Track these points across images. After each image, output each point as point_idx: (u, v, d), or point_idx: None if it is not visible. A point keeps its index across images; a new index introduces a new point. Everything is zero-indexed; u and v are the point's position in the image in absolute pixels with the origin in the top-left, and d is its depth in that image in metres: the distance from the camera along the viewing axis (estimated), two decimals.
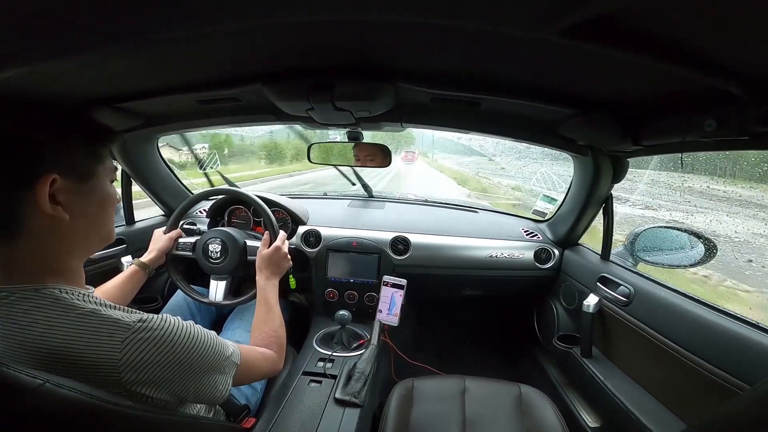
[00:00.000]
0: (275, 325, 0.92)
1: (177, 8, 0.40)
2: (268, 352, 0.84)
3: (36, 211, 0.48)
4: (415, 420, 1.02)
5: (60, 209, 0.50)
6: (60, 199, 0.50)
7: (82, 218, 0.54)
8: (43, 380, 0.41)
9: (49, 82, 0.71)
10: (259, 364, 0.80)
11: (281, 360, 0.88)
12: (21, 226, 0.48)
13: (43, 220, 0.49)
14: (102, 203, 0.58)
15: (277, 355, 0.87)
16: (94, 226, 0.57)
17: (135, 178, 1.45)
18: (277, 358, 0.86)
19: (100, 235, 0.59)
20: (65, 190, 0.50)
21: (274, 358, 0.85)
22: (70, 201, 0.51)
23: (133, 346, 0.50)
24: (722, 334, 0.79)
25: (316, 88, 0.79)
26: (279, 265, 1.06)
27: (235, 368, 0.69)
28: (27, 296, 0.49)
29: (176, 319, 0.57)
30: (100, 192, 0.57)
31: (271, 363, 0.84)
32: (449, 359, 1.82)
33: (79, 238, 0.55)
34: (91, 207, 0.56)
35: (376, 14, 0.45)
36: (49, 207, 0.49)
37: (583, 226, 1.40)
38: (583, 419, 1.19)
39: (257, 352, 0.82)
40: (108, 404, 0.46)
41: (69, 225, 0.52)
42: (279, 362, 0.87)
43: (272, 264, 1.05)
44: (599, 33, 0.43)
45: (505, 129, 1.05)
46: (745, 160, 2.05)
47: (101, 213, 0.58)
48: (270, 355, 0.84)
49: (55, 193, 0.49)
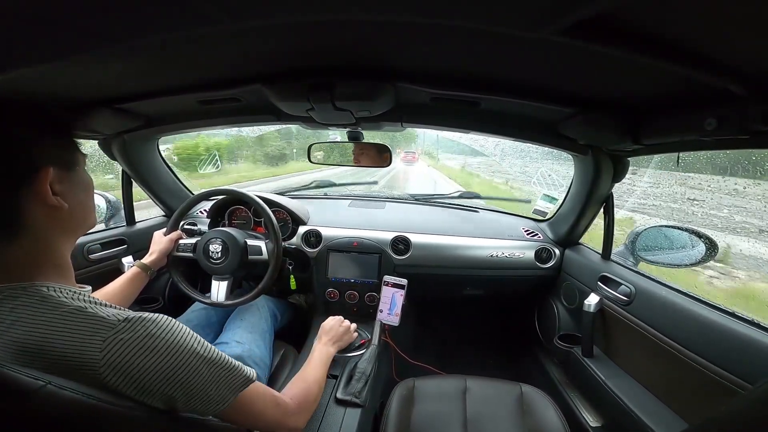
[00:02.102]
0: (309, 380, 0.84)
1: (177, 9, 0.40)
2: (286, 401, 0.72)
3: (37, 205, 0.50)
4: (416, 420, 1.02)
5: (60, 199, 0.52)
6: (56, 189, 0.52)
7: (77, 205, 0.56)
8: (45, 382, 0.41)
9: (49, 83, 0.71)
10: (265, 405, 0.66)
11: (300, 416, 0.74)
12: (22, 222, 0.49)
13: (43, 212, 0.51)
14: (86, 188, 0.60)
15: (297, 408, 0.73)
16: (84, 211, 0.59)
17: (135, 178, 1.45)
18: (295, 411, 0.72)
19: (88, 220, 0.61)
20: (59, 180, 0.52)
21: (288, 408, 0.71)
22: (64, 190, 0.53)
23: (114, 346, 0.47)
24: (724, 334, 0.79)
25: (316, 89, 0.80)
26: (341, 337, 1.12)
27: (242, 388, 0.60)
28: (15, 294, 0.48)
29: (168, 321, 0.53)
30: (84, 178, 0.59)
31: (283, 413, 0.69)
32: (450, 359, 1.82)
33: (73, 224, 0.57)
34: (81, 193, 0.58)
35: (375, 14, 0.45)
36: (52, 198, 0.51)
37: (583, 225, 1.40)
38: (585, 419, 1.19)
39: (270, 394, 0.69)
40: (110, 405, 0.46)
41: (65, 213, 0.53)
42: (296, 417, 0.73)
43: (335, 334, 1.10)
44: (599, 32, 0.43)
45: (505, 128, 1.04)
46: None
47: (87, 198, 0.60)
48: (285, 404, 0.71)
49: (52, 184, 0.51)
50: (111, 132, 1.18)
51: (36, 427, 0.42)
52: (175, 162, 1.93)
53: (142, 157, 1.42)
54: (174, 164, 1.58)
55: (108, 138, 1.26)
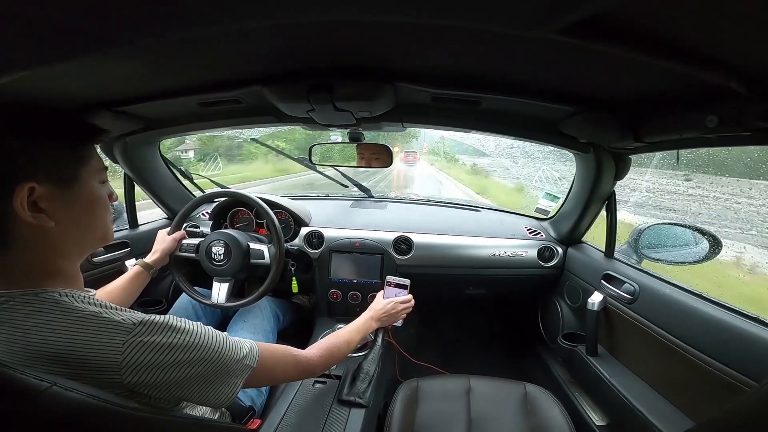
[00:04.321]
0: (341, 340, 0.91)
1: (176, 11, 0.40)
2: (306, 355, 0.79)
3: (19, 221, 0.47)
4: (420, 420, 1.02)
5: (44, 217, 0.49)
6: (42, 206, 0.49)
7: (71, 224, 0.53)
8: (50, 383, 0.41)
9: (48, 86, 0.71)
10: (283, 366, 0.74)
11: (318, 367, 0.82)
12: (10, 235, 0.48)
13: (28, 228, 0.48)
14: (90, 206, 0.56)
15: (318, 360, 0.81)
16: (85, 230, 0.56)
17: (137, 181, 1.45)
18: (317, 363, 0.81)
19: (94, 237, 0.58)
20: (47, 197, 0.49)
21: (311, 363, 0.80)
22: (54, 208, 0.50)
23: (134, 349, 0.49)
24: (729, 331, 0.78)
25: (316, 89, 0.80)
26: (390, 316, 1.14)
27: (248, 371, 0.64)
28: (27, 300, 0.49)
29: (181, 321, 0.56)
30: (87, 195, 0.55)
31: (304, 369, 0.78)
32: (453, 359, 1.82)
33: (70, 243, 0.54)
34: (78, 211, 0.54)
35: (374, 15, 0.45)
36: (29, 216, 0.47)
37: (586, 223, 1.39)
38: (590, 417, 1.18)
39: (290, 354, 0.76)
40: (115, 406, 0.46)
41: (56, 231, 0.51)
42: (316, 367, 0.81)
43: (385, 313, 1.13)
44: (599, 31, 0.43)
45: (506, 127, 1.04)
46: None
47: (90, 216, 0.56)
48: (306, 359, 0.79)
49: (36, 200, 0.48)
50: (112, 135, 1.18)
51: (42, 427, 0.42)
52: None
53: (144, 159, 1.42)
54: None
55: (109, 141, 1.26)
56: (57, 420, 0.42)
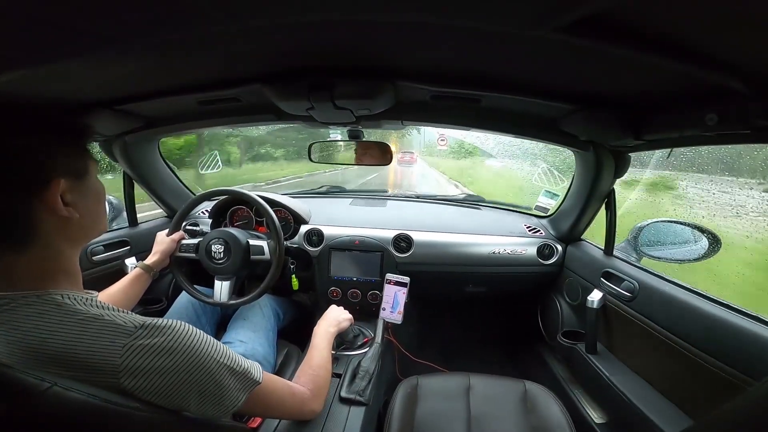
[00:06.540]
0: (314, 365, 0.87)
1: (176, 10, 0.40)
2: (300, 389, 0.77)
3: (48, 216, 0.50)
4: (420, 418, 1.02)
5: (71, 209, 0.52)
6: (67, 199, 0.51)
7: (87, 214, 0.55)
8: (51, 383, 0.41)
9: (47, 85, 0.71)
10: (282, 396, 0.71)
11: (315, 401, 0.79)
12: (34, 232, 0.49)
13: (54, 223, 0.51)
14: (98, 197, 0.59)
15: (311, 393, 0.78)
16: (95, 219, 0.59)
17: (137, 179, 1.45)
18: (310, 397, 0.77)
19: (99, 227, 0.61)
20: (69, 190, 0.52)
21: (305, 396, 0.76)
22: (75, 200, 0.53)
23: (133, 352, 0.49)
24: (728, 329, 0.79)
25: (316, 88, 0.79)
26: (339, 322, 1.11)
27: (252, 387, 0.62)
28: (29, 302, 0.49)
29: (183, 326, 0.55)
30: (95, 186, 0.59)
31: (300, 401, 0.75)
32: (453, 357, 1.82)
33: (83, 233, 0.57)
34: (91, 202, 0.57)
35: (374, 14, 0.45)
36: (63, 209, 0.50)
37: (585, 221, 1.40)
38: (589, 415, 1.19)
39: (285, 385, 0.73)
40: (115, 406, 0.46)
41: (75, 222, 0.53)
42: (312, 402, 0.78)
43: (334, 318, 1.11)
44: (598, 30, 0.43)
45: (506, 125, 1.04)
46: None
47: (98, 206, 0.60)
48: (300, 392, 0.76)
49: (63, 194, 0.51)
50: (111, 133, 1.18)
51: (43, 428, 0.42)
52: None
53: (143, 158, 1.42)
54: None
55: (109, 139, 1.26)
56: (58, 420, 0.42)
